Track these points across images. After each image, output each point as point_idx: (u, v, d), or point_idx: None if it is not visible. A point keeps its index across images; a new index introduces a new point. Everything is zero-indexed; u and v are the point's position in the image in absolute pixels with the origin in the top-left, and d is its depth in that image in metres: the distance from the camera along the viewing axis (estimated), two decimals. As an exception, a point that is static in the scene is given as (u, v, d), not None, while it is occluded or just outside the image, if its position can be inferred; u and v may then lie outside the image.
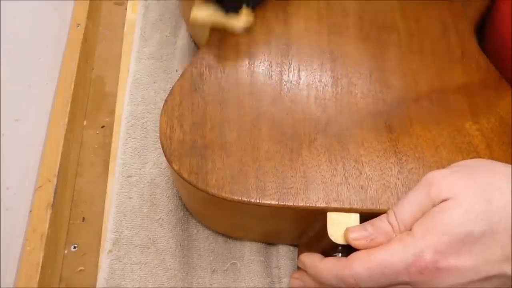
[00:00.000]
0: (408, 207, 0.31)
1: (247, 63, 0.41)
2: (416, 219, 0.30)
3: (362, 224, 0.33)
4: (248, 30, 0.43)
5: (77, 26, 0.59)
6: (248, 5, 0.43)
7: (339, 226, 0.34)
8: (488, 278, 0.29)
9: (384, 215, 0.32)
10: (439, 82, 0.41)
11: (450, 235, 0.28)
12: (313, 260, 0.34)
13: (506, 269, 0.28)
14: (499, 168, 0.31)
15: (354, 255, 0.31)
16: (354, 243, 0.31)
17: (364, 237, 0.31)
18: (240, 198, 0.35)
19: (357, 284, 0.30)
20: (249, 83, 0.40)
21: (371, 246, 0.31)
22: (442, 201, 0.29)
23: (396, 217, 0.31)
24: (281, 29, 0.43)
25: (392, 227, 0.31)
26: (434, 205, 0.30)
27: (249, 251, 0.44)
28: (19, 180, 0.47)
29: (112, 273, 0.43)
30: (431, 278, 0.28)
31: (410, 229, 0.30)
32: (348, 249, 0.32)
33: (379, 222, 0.32)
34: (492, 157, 0.37)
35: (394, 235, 0.31)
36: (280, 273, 0.43)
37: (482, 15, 0.46)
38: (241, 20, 0.42)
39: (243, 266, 0.44)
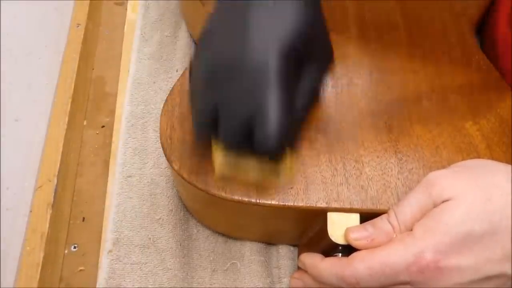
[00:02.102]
0: (409, 207, 0.31)
1: (247, 63, 0.41)
2: (417, 219, 0.30)
3: (362, 224, 0.33)
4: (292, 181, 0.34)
5: (77, 26, 0.59)
6: (290, 146, 0.33)
7: (340, 226, 0.34)
8: (488, 278, 0.29)
9: (385, 215, 0.32)
10: (439, 82, 0.41)
11: (451, 235, 0.28)
12: (313, 260, 0.34)
13: (506, 268, 0.28)
14: (499, 168, 0.31)
15: (355, 254, 0.31)
16: (354, 243, 0.31)
17: (364, 237, 0.31)
18: (240, 198, 0.35)
19: (357, 283, 0.30)
20: (249, 83, 0.40)
21: (372, 246, 0.31)
22: (443, 201, 0.29)
23: (396, 217, 0.31)
24: (281, 29, 0.43)
25: (393, 227, 0.31)
26: (435, 206, 0.30)
27: (249, 251, 0.44)
28: (19, 180, 0.47)
29: (112, 273, 0.43)
30: (431, 277, 0.28)
31: (411, 229, 0.30)
32: (348, 249, 0.32)
33: (380, 222, 0.32)
34: (492, 157, 0.37)
35: (394, 235, 0.31)
36: (280, 273, 0.43)
37: (482, 15, 0.46)
38: (283, 169, 0.33)
39: (243, 266, 0.44)
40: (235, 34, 0.31)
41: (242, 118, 0.30)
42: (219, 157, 0.33)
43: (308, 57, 0.33)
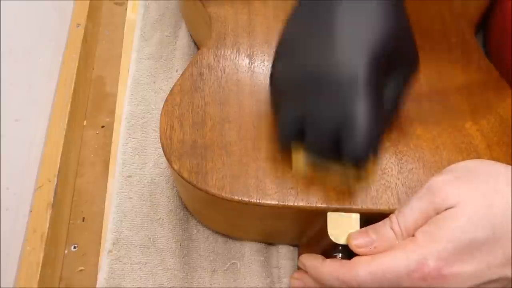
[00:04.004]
0: (411, 214, 0.30)
1: (247, 63, 0.41)
2: (419, 225, 0.30)
3: (364, 229, 0.32)
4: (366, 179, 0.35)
5: (77, 26, 0.59)
6: (375, 152, 0.33)
7: (340, 226, 0.34)
8: (489, 282, 0.29)
9: (387, 221, 0.32)
10: (439, 82, 0.41)
11: (454, 243, 0.28)
12: (314, 262, 0.34)
13: (507, 272, 0.28)
14: (500, 171, 0.31)
15: (357, 259, 0.31)
16: (357, 250, 0.31)
17: (367, 243, 0.31)
18: (240, 198, 0.35)
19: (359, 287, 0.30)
20: (249, 83, 0.40)
21: (374, 253, 0.31)
22: (446, 208, 0.29)
23: (399, 223, 0.31)
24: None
25: (395, 233, 0.31)
26: (437, 213, 0.29)
27: (249, 251, 0.44)
28: (19, 180, 0.47)
29: (112, 273, 0.43)
30: (433, 284, 0.28)
31: (413, 236, 0.30)
32: (348, 249, 0.32)
33: (382, 229, 0.31)
34: (492, 157, 0.37)
35: (397, 242, 0.31)
36: (280, 273, 0.43)
37: (482, 15, 0.46)
38: (364, 174, 0.33)
39: (243, 266, 0.44)
40: (321, 42, 0.31)
41: (330, 128, 0.30)
42: (299, 159, 0.34)
43: (395, 63, 0.32)
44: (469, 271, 0.28)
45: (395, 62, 0.32)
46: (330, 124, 0.30)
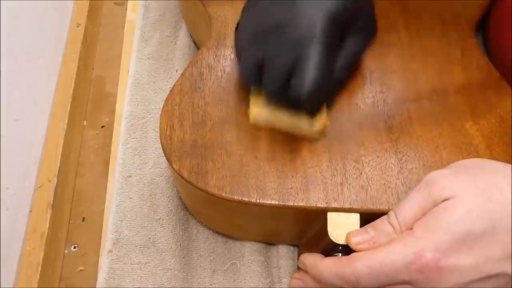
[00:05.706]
0: (409, 207, 0.31)
1: (247, 63, 0.41)
2: (417, 219, 0.30)
3: (363, 227, 0.33)
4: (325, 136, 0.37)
5: (77, 26, 0.59)
6: (328, 105, 0.37)
7: (340, 226, 0.34)
8: (488, 277, 0.29)
9: (385, 216, 0.32)
10: (439, 82, 0.41)
11: (451, 234, 0.28)
12: (313, 260, 0.34)
13: (506, 268, 0.28)
14: (499, 168, 0.31)
15: (355, 254, 0.31)
16: (357, 248, 0.31)
17: (366, 240, 0.31)
18: (240, 198, 0.35)
19: (357, 282, 0.30)
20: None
21: None
22: (443, 200, 0.29)
23: (397, 217, 0.31)
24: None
25: (394, 228, 0.31)
26: (435, 205, 0.30)
27: (249, 251, 0.44)
28: (19, 180, 0.47)
29: (112, 273, 0.43)
30: (431, 277, 0.28)
31: (411, 229, 0.30)
32: (348, 249, 0.32)
33: (380, 224, 0.32)
34: (492, 157, 0.37)
35: (395, 236, 0.31)
36: (280, 273, 0.43)
37: (482, 15, 0.46)
38: (317, 123, 0.35)
39: (243, 266, 0.44)
40: None
41: (285, 67, 0.33)
42: (257, 105, 0.36)
43: (352, 27, 0.35)
44: (467, 264, 0.28)
45: (352, 26, 0.35)
46: (285, 62, 0.33)
